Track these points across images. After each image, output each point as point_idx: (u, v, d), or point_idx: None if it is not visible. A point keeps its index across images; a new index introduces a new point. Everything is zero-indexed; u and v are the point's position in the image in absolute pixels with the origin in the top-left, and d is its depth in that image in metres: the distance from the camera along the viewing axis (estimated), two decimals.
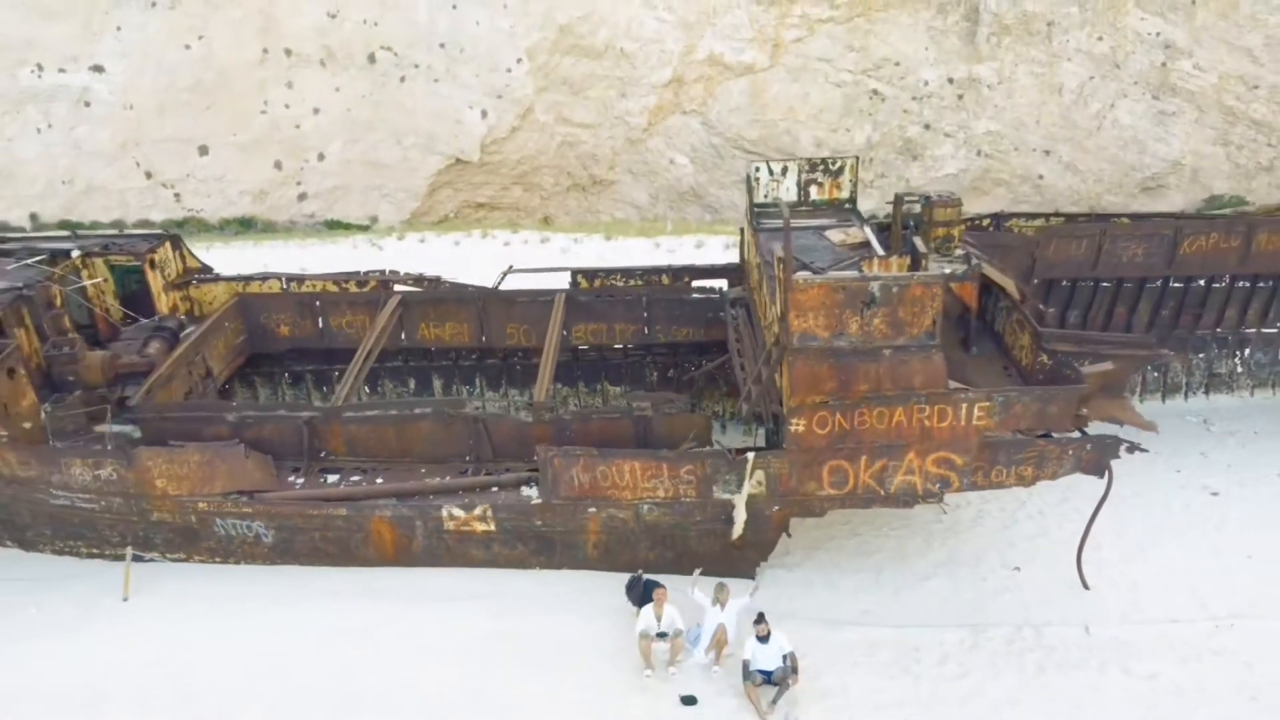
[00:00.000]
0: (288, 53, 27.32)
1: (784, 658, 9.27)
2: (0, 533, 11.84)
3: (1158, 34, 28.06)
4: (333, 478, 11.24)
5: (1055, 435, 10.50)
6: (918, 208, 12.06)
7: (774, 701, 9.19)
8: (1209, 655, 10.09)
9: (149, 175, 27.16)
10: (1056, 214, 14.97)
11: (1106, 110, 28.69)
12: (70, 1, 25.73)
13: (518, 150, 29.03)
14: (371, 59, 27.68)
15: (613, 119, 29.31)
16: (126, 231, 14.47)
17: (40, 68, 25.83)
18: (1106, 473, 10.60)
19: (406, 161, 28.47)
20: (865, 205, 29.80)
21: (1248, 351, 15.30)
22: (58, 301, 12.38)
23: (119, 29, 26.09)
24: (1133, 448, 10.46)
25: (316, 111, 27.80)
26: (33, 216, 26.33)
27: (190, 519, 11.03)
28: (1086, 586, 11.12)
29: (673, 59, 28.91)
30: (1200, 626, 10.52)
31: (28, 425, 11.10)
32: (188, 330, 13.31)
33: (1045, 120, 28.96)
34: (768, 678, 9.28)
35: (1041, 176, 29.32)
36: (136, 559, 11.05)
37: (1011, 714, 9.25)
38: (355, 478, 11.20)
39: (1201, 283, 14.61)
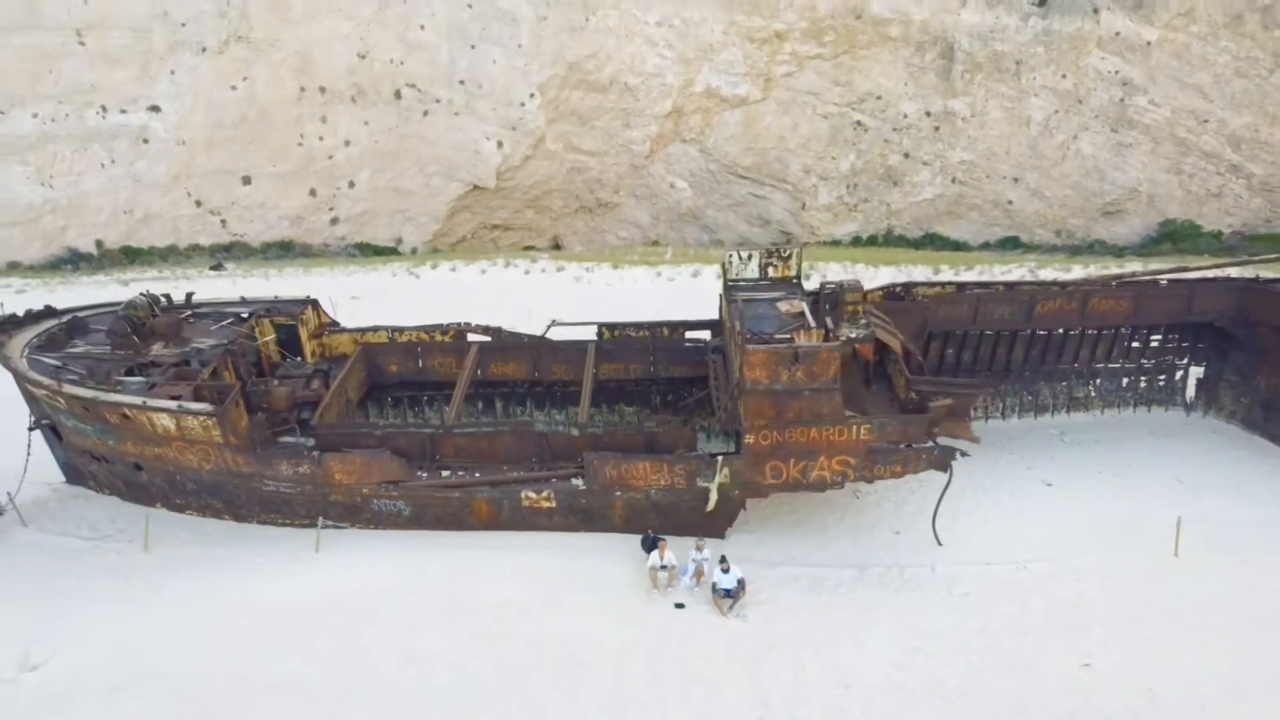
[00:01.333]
0: (322, 91, 36.79)
1: (738, 581, 19.05)
2: (222, 510, 21.60)
3: (1116, 72, 37.65)
4: (446, 473, 20.88)
5: (915, 445, 20.18)
6: (835, 290, 21.70)
7: (731, 608, 18.95)
8: (1005, 584, 19.93)
9: (198, 204, 36.70)
10: (950, 284, 24.66)
11: (1070, 141, 38.38)
12: (130, 49, 35.10)
13: (530, 176, 38.67)
14: (397, 95, 37.16)
15: (617, 147, 38.97)
16: (279, 299, 24.00)
17: (104, 109, 35.24)
18: (949, 469, 20.24)
19: (428, 188, 38.10)
20: (849, 228, 39.80)
21: (1099, 380, 25.15)
22: (245, 351, 21.99)
23: (173, 73, 35.46)
24: (963, 454, 20.16)
25: (347, 143, 37.34)
26: (98, 243, 35.81)
27: (356, 500, 20.77)
28: (939, 543, 20.94)
29: (673, 92, 38.53)
30: (1006, 567, 20.38)
31: (243, 437, 20.72)
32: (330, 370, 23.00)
33: (1014, 150, 38.65)
34: (728, 593, 19.06)
35: (1011, 202, 39.03)
36: (325, 527, 20.72)
37: (872, 614, 19.05)
38: (461, 472, 20.88)
39: (1061, 330, 24.33)
